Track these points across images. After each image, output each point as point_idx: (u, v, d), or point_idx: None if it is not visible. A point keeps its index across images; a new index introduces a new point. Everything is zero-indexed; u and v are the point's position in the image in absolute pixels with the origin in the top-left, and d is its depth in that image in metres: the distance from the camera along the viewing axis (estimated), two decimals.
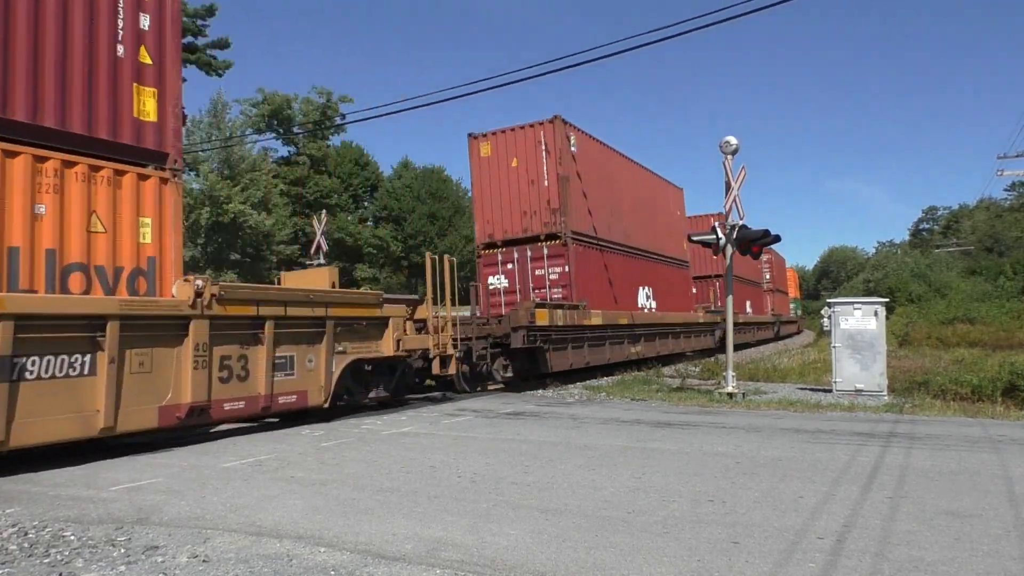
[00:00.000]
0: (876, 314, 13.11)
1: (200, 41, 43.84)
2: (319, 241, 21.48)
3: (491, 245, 17.92)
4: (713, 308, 30.17)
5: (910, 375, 15.02)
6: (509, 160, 17.87)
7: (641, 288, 21.69)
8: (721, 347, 28.17)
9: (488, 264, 18.02)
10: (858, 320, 13.18)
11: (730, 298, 14.34)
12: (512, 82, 16.37)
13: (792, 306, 56.70)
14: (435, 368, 12.68)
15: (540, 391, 14.96)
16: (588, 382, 16.80)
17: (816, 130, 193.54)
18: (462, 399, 13.14)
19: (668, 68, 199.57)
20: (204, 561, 4.08)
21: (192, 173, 37.17)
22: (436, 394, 14.21)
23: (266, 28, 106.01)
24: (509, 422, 9.88)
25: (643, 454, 7.32)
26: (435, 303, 12.74)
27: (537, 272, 17.36)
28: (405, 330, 11.84)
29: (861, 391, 12.88)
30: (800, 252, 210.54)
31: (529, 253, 17.42)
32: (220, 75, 45.00)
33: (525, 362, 15.55)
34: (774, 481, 5.97)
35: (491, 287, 18.00)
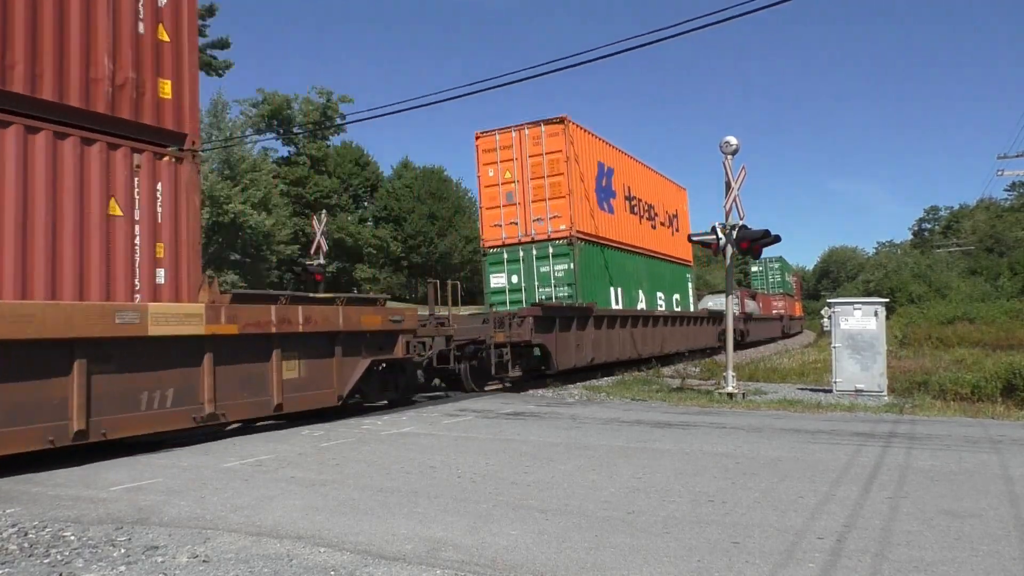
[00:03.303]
0: (876, 314, 13.11)
1: (200, 41, 43.87)
2: (319, 241, 21.49)
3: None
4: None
5: (910, 375, 15.04)
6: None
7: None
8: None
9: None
10: (858, 320, 13.18)
11: (730, 298, 14.36)
12: (513, 82, 16.33)
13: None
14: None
15: (540, 391, 14.96)
16: (588, 382, 16.80)
17: (816, 130, 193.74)
18: (464, 399, 13.13)
19: (668, 68, 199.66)
20: (204, 561, 4.09)
21: None
22: (440, 393, 14.36)
23: (266, 28, 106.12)
24: (509, 422, 9.88)
25: (643, 454, 7.31)
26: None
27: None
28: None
29: (861, 391, 12.88)
30: (800, 252, 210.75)
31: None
32: (220, 75, 45.06)
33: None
34: (774, 481, 5.97)
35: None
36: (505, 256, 18.32)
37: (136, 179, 8.14)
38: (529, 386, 15.49)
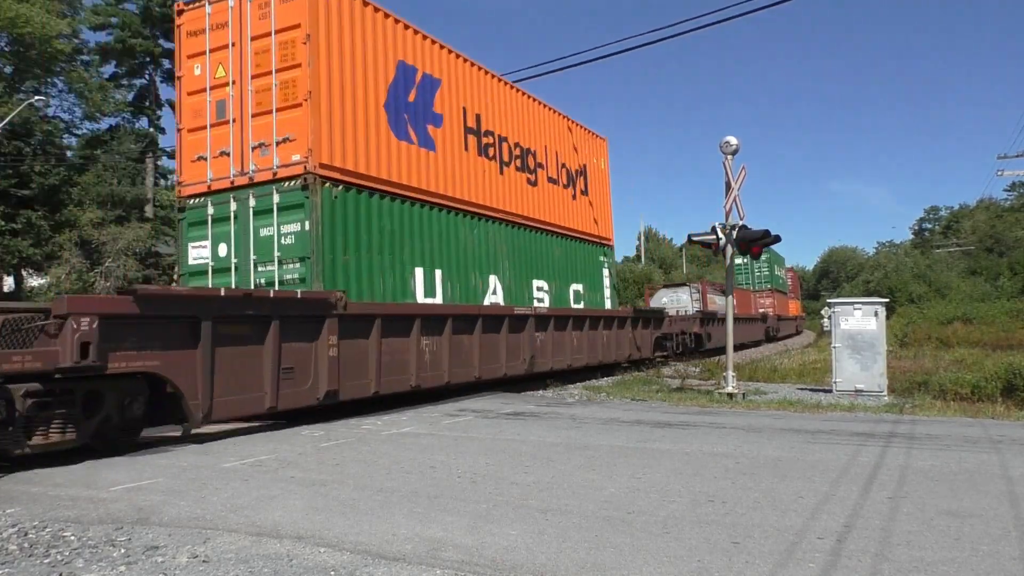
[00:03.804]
0: (876, 314, 13.12)
1: None
2: None
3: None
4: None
5: (910, 375, 15.06)
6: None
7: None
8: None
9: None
10: (858, 320, 13.19)
11: (730, 298, 14.38)
12: (515, 81, 16.39)
13: None
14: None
15: (540, 392, 14.96)
16: (588, 382, 16.82)
17: (816, 130, 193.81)
18: (465, 398, 13.06)
19: (668, 68, 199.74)
20: (204, 561, 4.09)
21: None
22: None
23: None
24: (509, 422, 9.88)
25: (643, 454, 7.32)
26: None
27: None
28: None
29: (861, 391, 12.89)
30: (800, 252, 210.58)
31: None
32: None
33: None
34: (774, 481, 5.97)
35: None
36: (210, 211, 11.06)
37: None
38: (529, 387, 15.44)
